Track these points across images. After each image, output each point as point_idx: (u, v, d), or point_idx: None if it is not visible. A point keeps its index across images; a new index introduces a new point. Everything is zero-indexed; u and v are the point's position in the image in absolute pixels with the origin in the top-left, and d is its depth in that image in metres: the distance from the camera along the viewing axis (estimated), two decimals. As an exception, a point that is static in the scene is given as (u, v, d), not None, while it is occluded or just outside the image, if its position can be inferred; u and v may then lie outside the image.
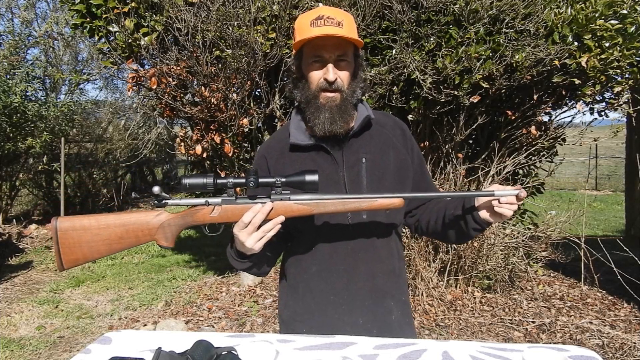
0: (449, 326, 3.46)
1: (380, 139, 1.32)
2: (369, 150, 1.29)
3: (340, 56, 1.22)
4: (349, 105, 1.25)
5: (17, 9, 8.99)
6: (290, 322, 1.34)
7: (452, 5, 2.95)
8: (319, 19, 1.19)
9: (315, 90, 1.23)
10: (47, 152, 7.98)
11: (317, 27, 1.18)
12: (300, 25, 1.24)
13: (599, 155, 12.40)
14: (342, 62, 1.23)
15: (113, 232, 1.12)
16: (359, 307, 1.27)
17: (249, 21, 3.12)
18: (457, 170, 3.62)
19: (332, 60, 1.21)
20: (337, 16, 1.20)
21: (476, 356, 1.07)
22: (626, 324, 3.43)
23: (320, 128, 1.23)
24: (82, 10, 3.39)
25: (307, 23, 1.20)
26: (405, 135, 1.37)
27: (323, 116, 1.22)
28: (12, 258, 5.93)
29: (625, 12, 3.02)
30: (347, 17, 1.24)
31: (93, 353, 1.12)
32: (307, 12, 1.27)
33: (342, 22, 1.19)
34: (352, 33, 1.22)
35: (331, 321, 1.27)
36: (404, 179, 1.32)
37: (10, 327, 3.84)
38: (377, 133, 1.33)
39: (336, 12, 1.23)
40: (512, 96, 3.65)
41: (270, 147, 1.37)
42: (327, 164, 1.28)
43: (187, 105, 3.55)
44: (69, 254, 1.12)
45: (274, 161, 1.33)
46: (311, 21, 1.20)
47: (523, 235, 3.77)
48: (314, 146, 1.29)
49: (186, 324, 3.73)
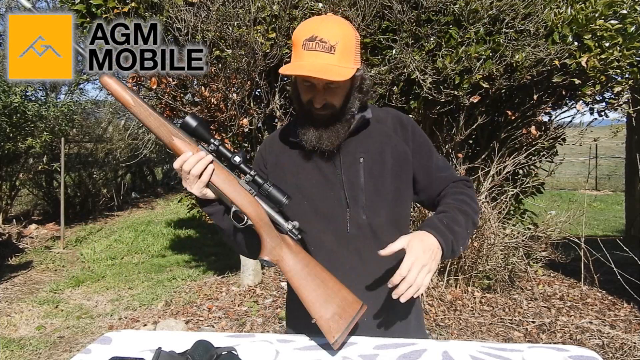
0: (449, 326, 3.46)
1: (378, 136, 1.30)
2: (366, 150, 1.28)
3: (329, 83, 1.16)
4: (338, 123, 1.22)
5: (17, 8, 8.98)
6: (296, 316, 1.35)
7: (452, 5, 2.95)
8: (311, 40, 1.13)
9: (305, 107, 1.22)
10: (47, 152, 7.99)
11: (307, 49, 1.13)
12: (296, 40, 1.18)
13: (599, 155, 12.40)
14: (333, 88, 1.18)
15: None
16: (366, 303, 1.27)
17: (249, 21, 3.12)
18: (457, 170, 3.62)
19: (320, 87, 1.17)
20: (331, 38, 1.13)
21: (476, 356, 1.07)
22: (626, 324, 3.43)
23: (308, 144, 1.22)
24: (82, 10, 3.39)
25: (300, 42, 1.15)
26: (404, 127, 1.33)
27: (310, 133, 1.21)
28: (12, 258, 5.93)
29: (625, 12, 3.02)
30: (344, 36, 1.15)
31: (93, 353, 1.12)
32: (305, 23, 1.21)
33: (335, 45, 1.13)
34: (345, 58, 1.14)
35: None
36: (403, 174, 1.29)
37: (10, 327, 3.83)
38: (375, 131, 1.31)
39: (332, 30, 1.14)
40: (512, 96, 3.65)
41: (273, 140, 1.37)
42: (325, 164, 1.28)
43: (187, 105, 3.55)
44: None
45: (274, 155, 1.33)
46: (304, 41, 1.14)
47: (523, 235, 3.77)
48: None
49: (186, 324, 3.73)
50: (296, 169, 1.28)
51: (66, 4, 3.56)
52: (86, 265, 5.81)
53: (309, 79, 1.16)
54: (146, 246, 6.67)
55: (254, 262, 4.44)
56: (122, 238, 7.06)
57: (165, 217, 8.80)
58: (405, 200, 1.32)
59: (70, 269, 5.67)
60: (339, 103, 1.20)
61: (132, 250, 6.50)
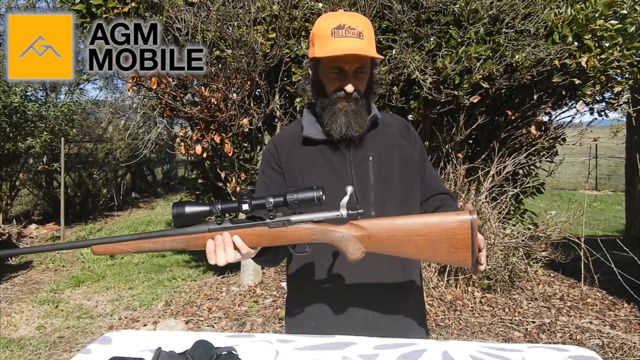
0: (449, 326, 3.46)
1: (386, 137, 1.34)
2: (375, 149, 1.31)
3: (359, 68, 1.23)
4: (363, 111, 1.27)
5: (17, 8, 9.00)
6: (298, 316, 1.35)
7: (452, 5, 2.95)
8: (340, 28, 1.19)
9: (332, 97, 1.26)
10: (47, 152, 7.99)
11: (338, 37, 1.19)
12: (321, 32, 1.23)
13: (599, 155, 12.39)
14: (360, 74, 1.24)
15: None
16: (370, 301, 1.28)
17: (249, 21, 3.12)
18: (457, 170, 3.62)
19: (350, 72, 1.23)
20: (357, 25, 1.20)
21: (476, 356, 1.07)
22: (626, 324, 3.43)
23: (337, 132, 1.25)
24: (82, 10, 3.39)
25: (327, 31, 1.20)
26: (410, 132, 1.40)
27: (340, 121, 1.25)
28: (12, 258, 5.93)
29: (625, 12, 3.02)
30: (367, 25, 1.24)
31: (93, 353, 1.12)
32: (326, 16, 1.27)
33: (362, 32, 1.20)
34: (372, 44, 1.23)
35: (341, 315, 1.28)
36: (411, 176, 1.33)
37: (10, 327, 3.83)
38: (383, 132, 1.35)
39: (356, 20, 1.22)
40: (512, 96, 3.65)
41: (282, 138, 1.39)
42: (336, 160, 1.30)
43: (187, 105, 3.55)
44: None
45: (286, 152, 1.34)
46: (332, 30, 1.19)
47: (523, 235, 3.77)
48: (325, 140, 1.31)
49: (186, 324, 3.73)
50: (307, 166, 1.30)
51: (66, 4, 3.56)
52: (86, 265, 5.81)
53: (342, 65, 1.22)
54: (146, 246, 6.66)
55: (254, 262, 4.44)
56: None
57: (165, 217, 8.80)
58: (414, 202, 1.35)
59: (70, 269, 5.67)
60: (363, 91, 1.27)
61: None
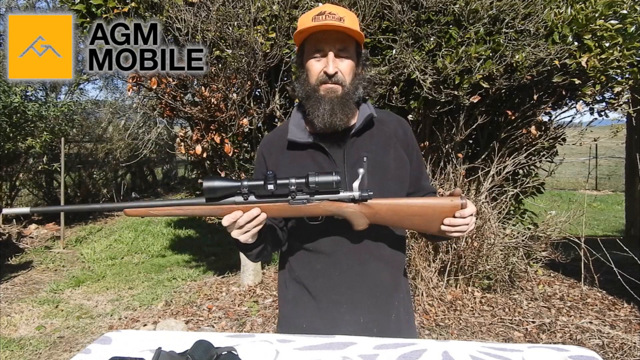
0: (449, 326, 3.46)
1: (381, 137, 1.33)
2: (370, 149, 1.30)
3: (341, 50, 1.23)
4: (349, 100, 1.26)
5: (17, 8, 9.00)
6: (291, 317, 1.35)
7: (452, 5, 2.95)
8: (320, 14, 1.22)
9: (315, 83, 1.25)
10: (47, 152, 7.99)
11: (318, 22, 1.21)
12: (303, 21, 1.26)
13: (599, 155, 12.40)
14: (343, 56, 1.24)
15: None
16: (361, 305, 1.27)
17: (249, 21, 3.12)
18: (457, 170, 3.62)
19: (332, 54, 1.23)
20: (339, 12, 1.22)
21: (476, 356, 1.07)
22: (626, 324, 3.43)
23: (320, 120, 1.23)
24: (82, 10, 3.39)
25: (309, 19, 1.23)
26: (406, 134, 1.38)
27: (323, 108, 1.23)
28: (12, 258, 5.93)
29: (625, 12, 3.02)
30: (349, 14, 1.26)
31: (93, 353, 1.12)
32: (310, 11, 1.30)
33: (343, 17, 1.21)
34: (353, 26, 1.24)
35: (332, 319, 1.28)
36: (403, 178, 1.33)
37: (10, 327, 3.83)
38: (378, 132, 1.34)
39: (339, 9, 1.25)
40: (512, 96, 3.65)
41: (270, 143, 1.38)
42: (325, 163, 1.28)
43: (187, 105, 3.55)
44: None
45: (274, 157, 1.34)
46: (313, 17, 1.22)
47: (523, 235, 3.77)
48: (312, 144, 1.29)
49: (186, 324, 3.73)
50: (296, 167, 1.29)
51: (66, 4, 3.56)
52: (86, 265, 5.81)
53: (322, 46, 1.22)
54: (146, 246, 6.67)
55: (254, 263, 4.44)
56: (122, 238, 7.06)
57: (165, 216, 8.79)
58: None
59: (70, 269, 5.67)
60: (348, 77, 1.25)
61: (132, 250, 6.50)
